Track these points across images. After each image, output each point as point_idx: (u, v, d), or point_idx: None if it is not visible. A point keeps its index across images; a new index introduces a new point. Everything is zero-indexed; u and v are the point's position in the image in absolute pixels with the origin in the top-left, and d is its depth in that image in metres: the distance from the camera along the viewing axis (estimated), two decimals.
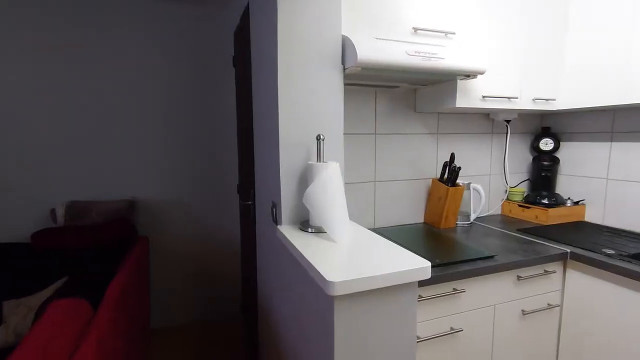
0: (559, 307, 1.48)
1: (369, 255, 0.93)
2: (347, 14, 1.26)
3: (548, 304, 1.46)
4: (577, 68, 1.66)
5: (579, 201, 1.92)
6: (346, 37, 1.22)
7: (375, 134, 1.73)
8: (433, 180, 1.83)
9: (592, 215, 1.87)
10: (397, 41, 1.30)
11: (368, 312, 0.85)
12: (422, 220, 1.89)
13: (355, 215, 1.72)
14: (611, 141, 1.77)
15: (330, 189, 1.09)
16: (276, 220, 1.28)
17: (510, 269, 1.34)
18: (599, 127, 1.83)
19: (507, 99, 1.61)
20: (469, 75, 1.39)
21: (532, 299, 1.42)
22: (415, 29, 1.38)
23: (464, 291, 1.28)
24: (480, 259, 1.33)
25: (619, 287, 1.28)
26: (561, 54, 1.71)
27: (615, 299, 1.29)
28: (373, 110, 1.72)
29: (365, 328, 0.86)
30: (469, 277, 1.27)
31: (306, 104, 1.20)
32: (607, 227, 1.76)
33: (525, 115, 2.06)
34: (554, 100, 1.73)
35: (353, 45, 1.18)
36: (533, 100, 1.68)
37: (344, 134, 1.29)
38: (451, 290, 1.26)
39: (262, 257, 1.68)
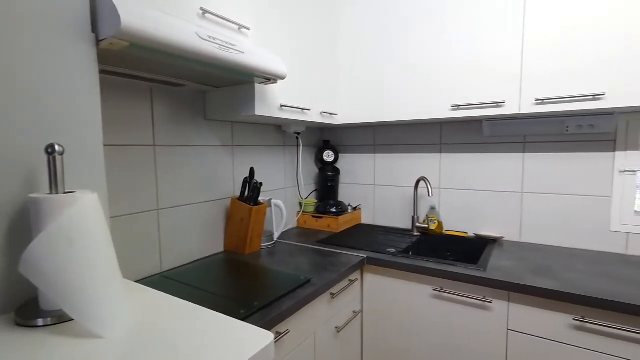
0: (360, 313, 1.55)
1: (168, 343, 0.54)
2: None
3: (353, 312, 1.49)
4: (347, 89, 1.83)
5: (356, 206, 2.16)
6: None
7: (154, 145, 1.28)
8: (232, 199, 1.56)
9: (366, 217, 2.15)
10: (181, 19, 0.95)
11: None
12: (222, 249, 1.58)
13: (127, 262, 1.21)
14: (374, 153, 2.09)
15: (81, 241, 0.61)
16: None
17: (325, 291, 1.25)
18: (365, 140, 2.12)
19: (301, 110, 1.56)
20: (269, 78, 1.22)
21: (342, 312, 1.40)
22: (204, 11, 1.07)
23: (289, 331, 1.08)
24: (299, 287, 1.17)
25: (403, 282, 1.44)
26: (337, 71, 1.85)
27: (404, 293, 1.45)
28: (149, 113, 1.26)
29: None
30: (292, 316, 1.08)
31: (23, 93, 0.65)
32: (379, 227, 2.05)
33: (310, 129, 2.15)
34: (337, 115, 1.85)
35: (113, 5, 0.74)
36: (321, 113, 1.72)
37: (104, 145, 0.82)
38: (275, 335, 1.02)
39: None
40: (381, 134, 2.06)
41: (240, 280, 1.22)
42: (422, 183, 1.90)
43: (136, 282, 1.01)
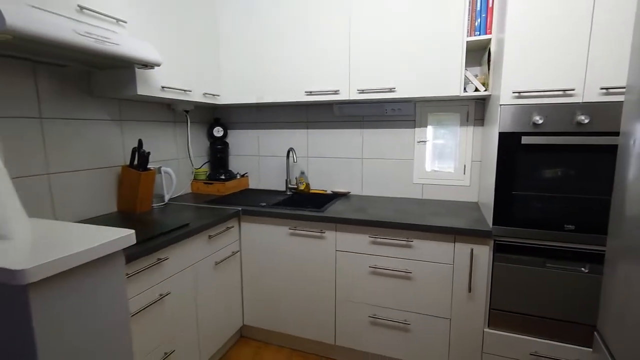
0: (239, 252, 1.98)
1: (63, 239, 0.88)
2: None
3: (232, 252, 1.91)
4: (228, 73, 2.18)
5: (244, 174, 2.56)
6: None
7: (40, 118, 1.48)
8: (123, 167, 1.82)
9: (253, 183, 2.57)
10: (60, 16, 1.19)
11: (72, 294, 0.83)
12: (115, 209, 1.84)
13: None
14: (257, 129, 2.49)
15: None
16: None
17: (202, 231, 1.64)
18: (250, 118, 2.50)
19: (183, 91, 1.87)
20: (146, 65, 1.51)
21: (221, 251, 1.81)
22: (81, 7, 1.31)
23: (168, 258, 1.45)
24: (176, 228, 1.53)
25: (270, 226, 1.90)
26: (217, 60, 2.18)
27: (270, 233, 1.91)
28: (33, 90, 1.45)
29: (71, 312, 0.83)
30: (170, 245, 1.45)
31: None
32: (262, 190, 2.49)
33: (201, 108, 2.45)
34: (219, 96, 2.19)
35: None
36: (204, 94, 2.04)
37: None
38: (155, 260, 1.38)
39: None
40: (263, 113, 2.47)
41: (129, 227, 1.53)
42: (291, 153, 2.37)
43: None
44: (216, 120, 2.53)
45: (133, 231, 0.94)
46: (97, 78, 1.66)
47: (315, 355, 1.96)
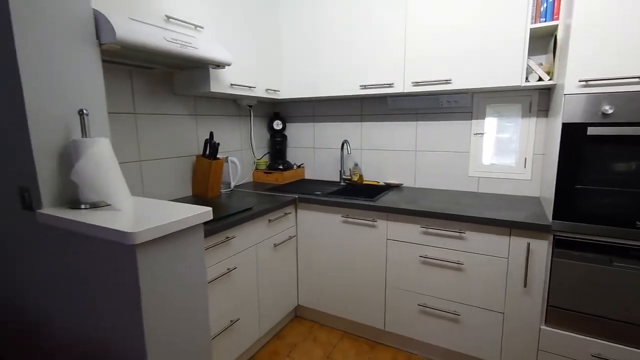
0: (295, 237, 2.13)
1: (157, 213, 1.07)
2: None
3: (289, 236, 2.07)
4: (288, 70, 2.33)
5: (300, 165, 2.71)
6: (99, 12, 1.21)
7: (135, 113, 1.75)
8: (197, 156, 2.06)
9: (308, 173, 2.71)
10: (153, 26, 1.41)
11: (166, 256, 1.01)
12: (190, 194, 2.09)
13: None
14: (314, 122, 2.62)
15: (103, 163, 1.11)
16: (31, 206, 1.13)
17: (263, 215, 1.81)
18: (307, 112, 2.64)
19: (248, 87, 2.05)
20: (219, 65, 1.70)
21: (279, 235, 1.98)
22: (169, 17, 1.53)
23: (235, 237, 1.63)
24: (242, 211, 1.71)
25: (324, 214, 2.02)
26: (280, 57, 2.34)
27: (324, 220, 2.03)
28: (130, 89, 1.72)
29: (165, 271, 1.02)
30: (237, 225, 1.63)
31: (59, 78, 1.12)
32: (317, 180, 2.62)
33: (263, 102, 2.64)
34: (279, 91, 2.35)
35: (109, 22, 1.20)
36: (266, 90, 2.22)
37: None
38: (224, 238, 1.57)
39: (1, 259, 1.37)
40: (319, 107, 2.59)
41: None
42: (345, 145, 2.46)
43: None
44: (276, 114, 2.71)
45: (210, 208, 1.11)
46: (178, 78, 1.90)
47: (365, 339, 2.05)
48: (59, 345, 1.23)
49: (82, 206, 1.13)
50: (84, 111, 1.13)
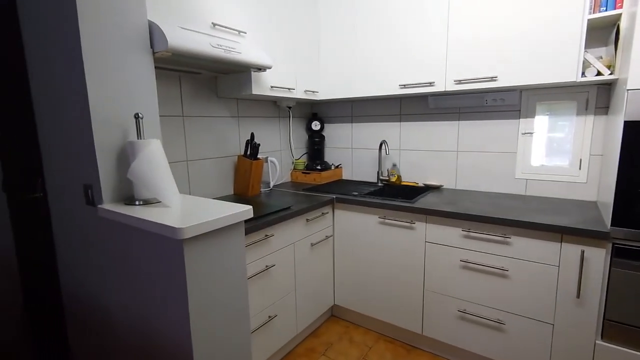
0: (332, 237, 2.15)
1: (202, 210, 1.13)
2: (149, 0, 1.34)
3: (326, 236, 2.09)
4: (326, 71, 2.35)
5: (338, 165, 2.72)
6: (153, 23, 1.31)
7: (183, 116, 1.86)
8: (239, 156, 2.14)
9: (346, 174, 2.72)
10: (200, 33, 1.49)
11: (210, 251, 1.07)
12: (232, 192, 2.18)
13: None
14: (352, 122, 2.62)
15: (155, 163, 1.20)
16: (93, 202, 1.25)
17: (301, 214, 1.84)
18: (345, 113, 2.65)
19: (287, 89, 2.10)
20: (260, 68, 1.76)
21: (316, 234, 2.00)
22: (214, 24, 1.61)
23: (273, 235, 1.68)
24: (281, 210, 1.76)
25: (361, 214, 2.02)
26: (318, 58, 2.36)
27: (361, 220, 2.03)
28: (179, 93, 1.83)
29: (209, 265, 1.08)
30: (275, 224, 1.68)
31: (118, 85, 1.23)
32: (354, 180, 2.62)
33: (301, 104, 2.69)
34: (318, 92, 2.37)
35: (162, 32, 1.29)
36: (305, 91, 2.25)
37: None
38: (264, 236, 1.63)
39: (67, 251, 1.52)
40: (357, 108, 2.58)
41: None
42: (383, 145, 2.43)
43: None
44: (314, 114, 2.74)
45: (251, 207, 1.16)
46: (222, 81, 1.99)
47: (401, 342, 2.02)
48: (116, 337, 1.34)
49: (137, 202, 1.22)
50: (139, 115, 1.22)
